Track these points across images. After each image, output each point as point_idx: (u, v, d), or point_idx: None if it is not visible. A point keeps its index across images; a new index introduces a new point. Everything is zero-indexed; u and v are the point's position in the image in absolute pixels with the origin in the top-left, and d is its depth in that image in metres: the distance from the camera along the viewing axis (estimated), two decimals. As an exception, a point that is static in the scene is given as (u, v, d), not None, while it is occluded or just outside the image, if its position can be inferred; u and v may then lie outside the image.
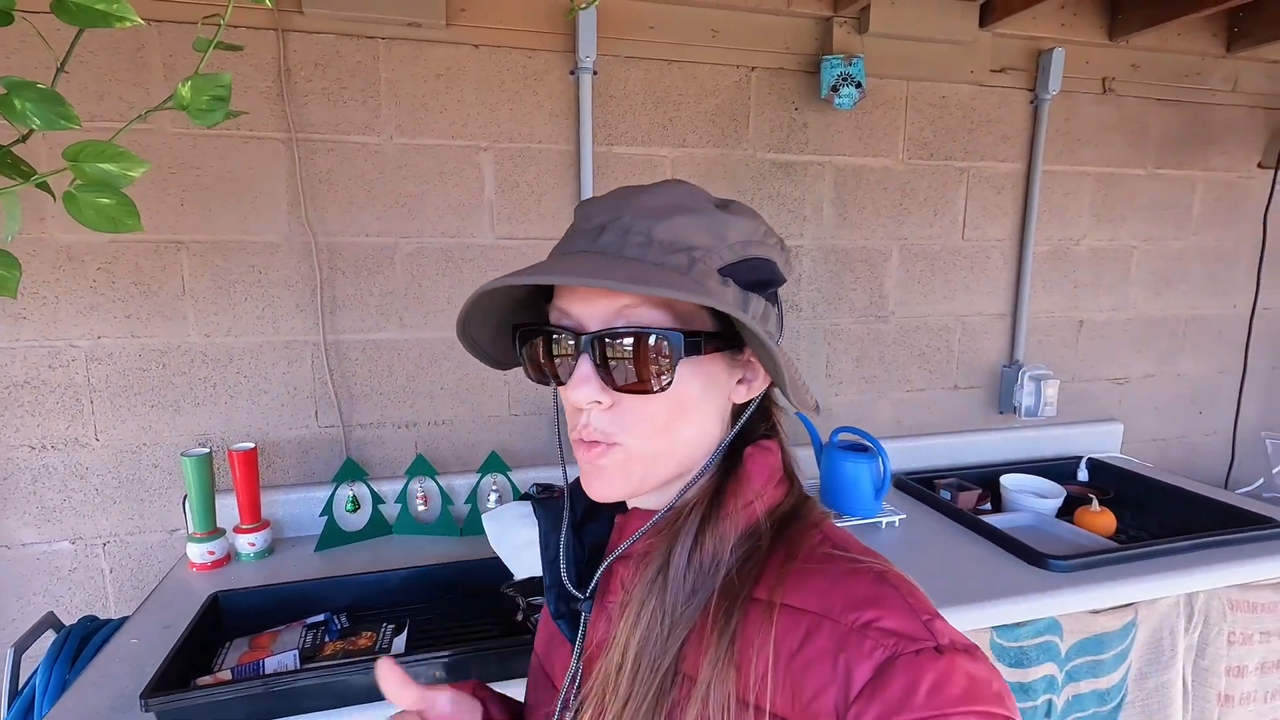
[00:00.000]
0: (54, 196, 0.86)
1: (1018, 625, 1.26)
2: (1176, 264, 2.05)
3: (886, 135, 1.73)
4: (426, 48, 1.42)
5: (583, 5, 0.91)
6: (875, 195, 1.75)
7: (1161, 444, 2.15)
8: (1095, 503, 1.61)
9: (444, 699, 0.58)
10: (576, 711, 0.55)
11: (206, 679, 0.97)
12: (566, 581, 0.58)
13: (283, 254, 1.42)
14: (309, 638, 1.07)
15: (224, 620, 1.13)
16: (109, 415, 1.38)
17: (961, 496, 1.72)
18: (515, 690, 0.70)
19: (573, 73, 1.50)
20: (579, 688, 0.55)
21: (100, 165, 0.71)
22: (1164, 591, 1.33)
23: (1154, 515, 1.72)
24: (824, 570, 0.48)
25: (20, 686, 1.07)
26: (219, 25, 0.77)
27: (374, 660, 0.93)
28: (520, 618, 0.94)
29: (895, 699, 0.40)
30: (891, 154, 1.75)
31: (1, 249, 0.71)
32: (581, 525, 0.60)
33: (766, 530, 0.52)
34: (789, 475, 0.57)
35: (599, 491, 0.53)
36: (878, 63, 1.65)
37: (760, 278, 0.51)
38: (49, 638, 1.17)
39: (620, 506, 0.58)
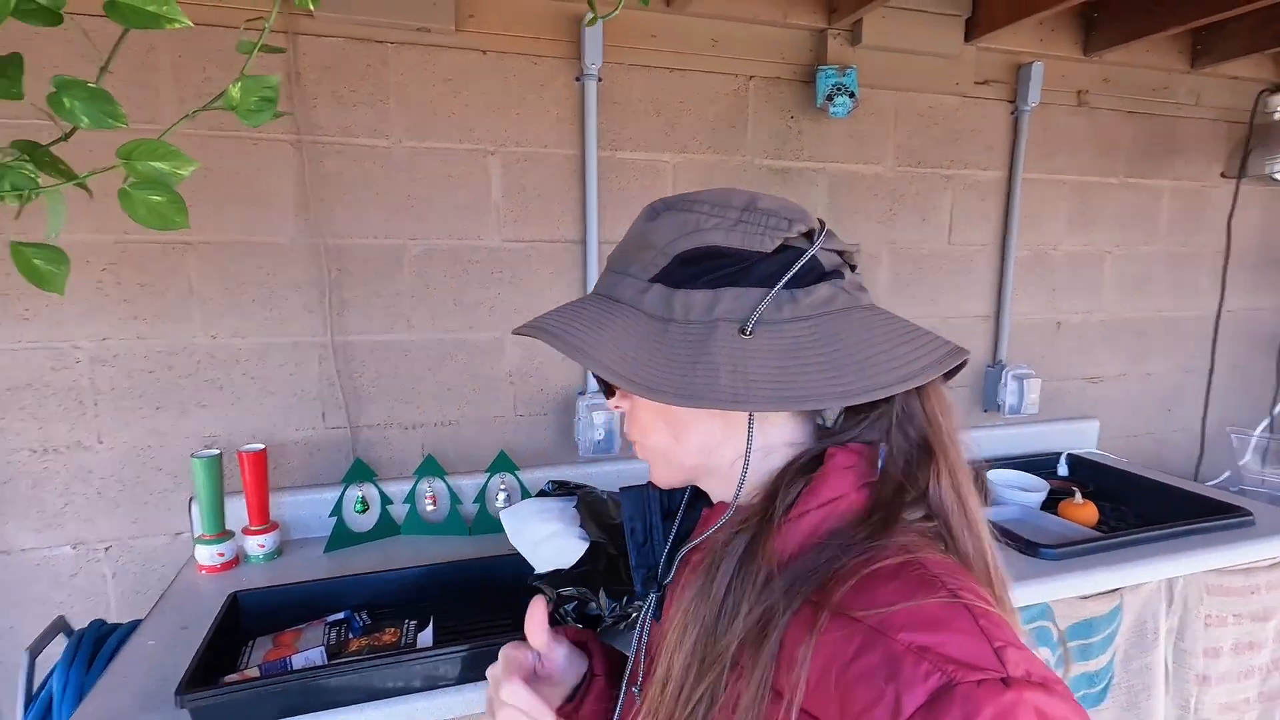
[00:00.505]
0: (90, 194, 0.86)
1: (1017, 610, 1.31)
2: (1145, 268, 2.16)
3: (877, 143, 1.80)
4: (435, 52, 1.44)
5: (603, 15, 0.95)
6: (866, 201, 1.82)
7: (1133, 440, 2.25)
8: (1078, 495, 1.69)
9: (562, 652, 0.63)
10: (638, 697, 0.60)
11: (234, 676, 0.97)
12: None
13: (290, 255, 1.42)
14: (332, 635, 1.07)
15: (243, 620, 1.13)
16: (113, 418, 1.37)
17: (951, 491, 1.78)
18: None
19: (578, 79, 1.53)
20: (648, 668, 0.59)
21: (151, 163, 0.73)
22: (1146, 577, 1.40)
23: (1131, 506, 1.80)
24: (890, 582, 0.44)
25: (35, 690, 1.05)
26: (264, 28, 0.79)
27: (401, 656, 0.95)
28: (551, 609, 0.96)
29: None
30: (882, 161, 1.81)
31: (50, 244, 0.72)
32: (684, 512, 0.64)
33: (837, 536, 0.49)
34: (887, 481, 0.52)
35: (652, 478, 0.60)
36: (869, 73, 1.71)
37: (708, 270, 0.51)
38: (59, 643, 1.15)
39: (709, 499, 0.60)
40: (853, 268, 0.56)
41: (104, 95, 0.71)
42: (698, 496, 0.62)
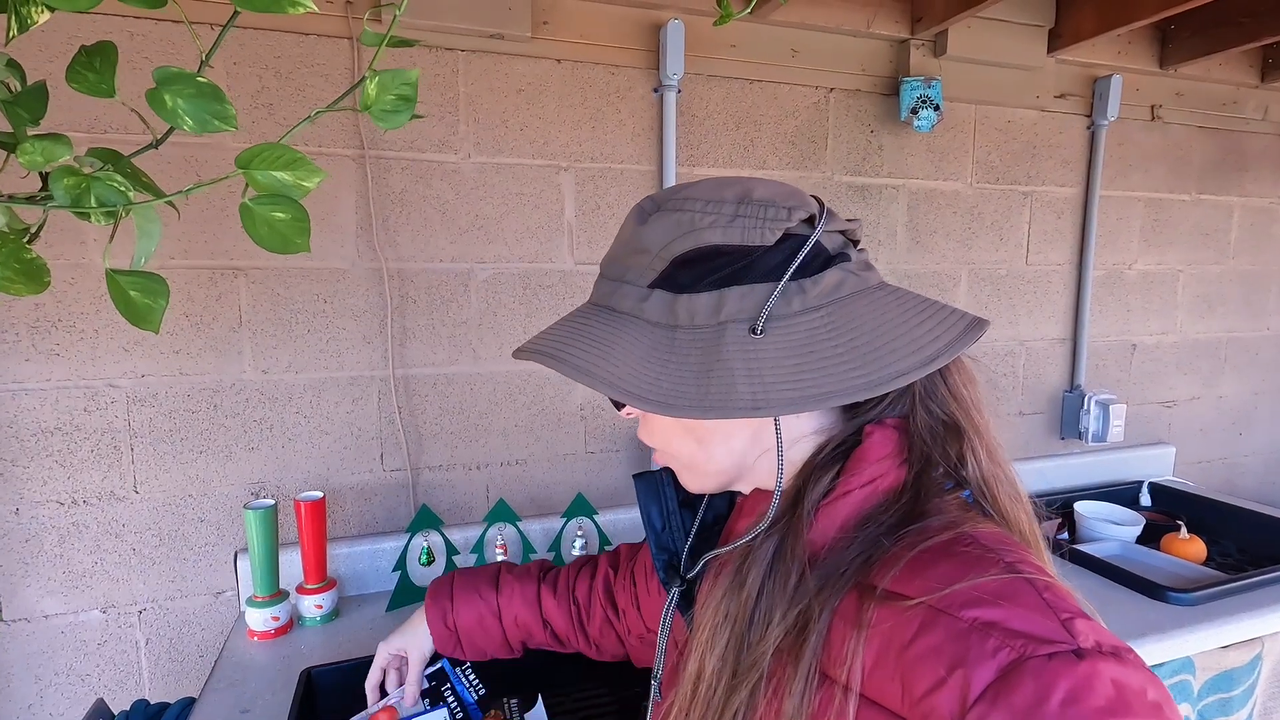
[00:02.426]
0: (178, 213, 0.73)
1: (1157, 666, 1.20)
2: (1216, 288, 2.08)
3: (956, 159, 1.71)
4: (508, 61, 1.33)
5: (738, 13, 0.85)
6: (946, 219, 1.72)
7: (1206, 466, 2.16)
8: (1184, 530, 1.58)
9: None
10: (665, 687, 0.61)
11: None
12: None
13: (350, 281, 1.29)
14: (427, 720, 0.92)
15: (318, 701, 0.98)
16: (151, 464, 1.22)
17: (1043, 526, 1.67)
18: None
19: (656, 90, 1.42)
20: (681, 653, 0.58)
21: (274, 174, 0.60)
22: (1288, 622, 1.29)
23: (1230, 540, 1.70)
24: (945, 559, 0.43)
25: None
26: (395, 15, 0.67)
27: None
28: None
29: (1022, 707, 0.35)
30: (961, 177, 1.72)
31: (148, 271, 0.59)
32: (708, 501, 0.63)
33: (881, 516, 0.48)
34: (914, 458, 0.50)
35: (684, 485, 0.58)
36: (950, 86, 1.62)
37: (710, 270, 0.48)
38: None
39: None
40: (856, 243, 0.54)
41: (215, 92, 0.59)
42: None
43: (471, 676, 0.95)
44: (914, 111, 1.55)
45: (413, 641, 0.88)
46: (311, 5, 0.56)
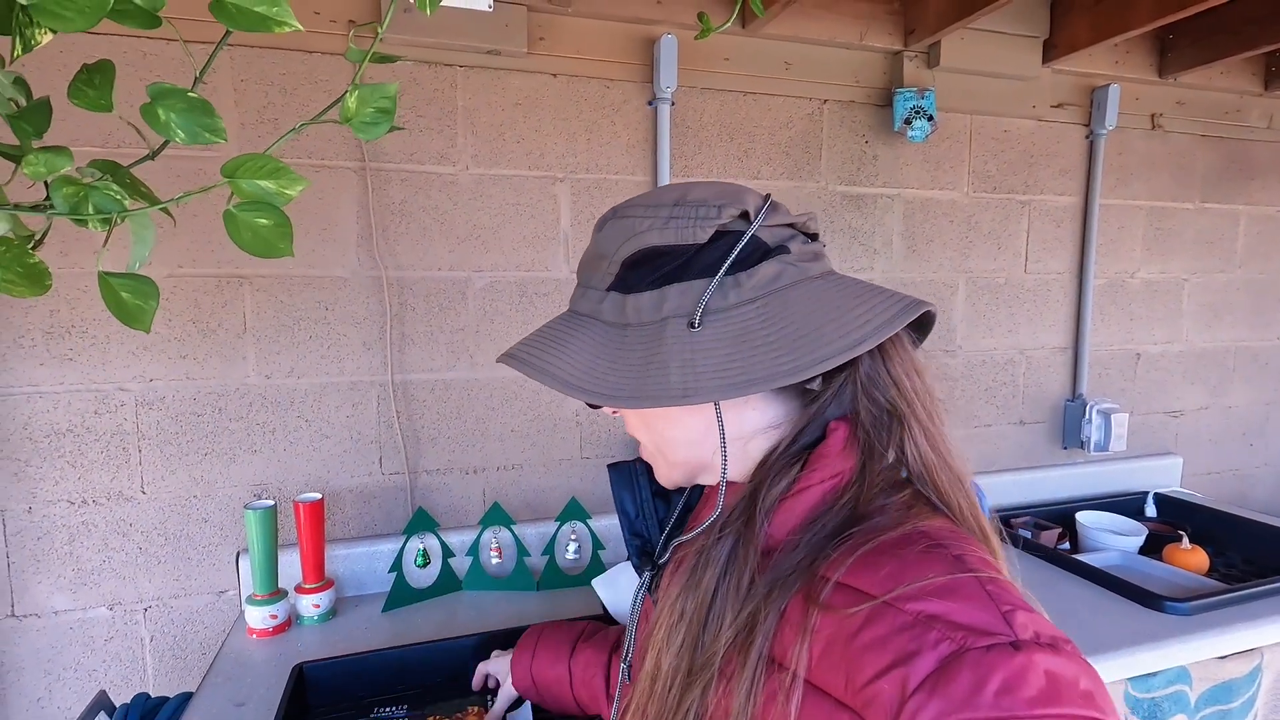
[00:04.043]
0: (174, 221, 0.77)
1: (1150, 675, 1.19)
2: (1223, 296, 2.06)
3: (952, 168, 1.72)
4: (505, 76, 1.37)
5: (717, 27, 0.88)
6: (942, 228, 1.73)
7: (1216, 477, 2.13)
8: (1185, 540, 1.56)
9: None
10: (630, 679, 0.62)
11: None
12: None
13: (351, 289, 1.33)
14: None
15: (309, 695, 1.01)
16: (158, 465, 1.26)
17: (1042, 535, 1.66)
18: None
19: (650, 103, 1.46)
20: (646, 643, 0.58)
21: (258, 182, 0.64)
22: (1289, 633, 1.27)
23: (1236, 551, 1.68)
24: (894, 554, 0.44)
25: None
26: (378, 33, 0.71)
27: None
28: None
29: (958, 696, 0.36)
30: (957, 187, 1.73)
31: (139, 275, 0.63)
32: (687, 493, 0.65)
33: (828, 515, 0.49)
34: (867, 451, 0.50)
35: (657, 478, 0.61)
36: (944, 96, 1.64)
37: (651, 270, 0.51)
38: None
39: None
40: (812, 236, 0.55)
41: (204, 106, 0.63)
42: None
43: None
44: (907, 122, 1.57)
45: (504, 675, 0.93)
46: (296, 24, 0.60)
